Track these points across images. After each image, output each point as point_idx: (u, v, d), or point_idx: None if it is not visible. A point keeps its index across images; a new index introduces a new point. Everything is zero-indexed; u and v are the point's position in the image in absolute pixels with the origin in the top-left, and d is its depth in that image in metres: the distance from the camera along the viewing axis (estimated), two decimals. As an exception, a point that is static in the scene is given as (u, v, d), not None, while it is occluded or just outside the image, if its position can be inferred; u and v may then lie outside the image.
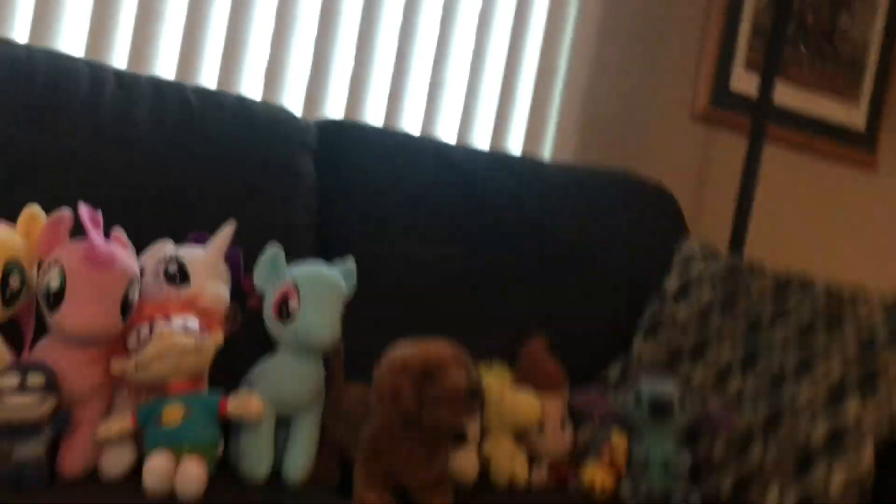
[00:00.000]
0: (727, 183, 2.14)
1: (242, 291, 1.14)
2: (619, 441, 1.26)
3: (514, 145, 1.98)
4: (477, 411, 1.04)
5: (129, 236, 1.08)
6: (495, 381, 1.34)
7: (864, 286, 1.42)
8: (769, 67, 2.00)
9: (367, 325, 1.30)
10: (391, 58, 1.81)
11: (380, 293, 1.39)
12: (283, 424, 1.12)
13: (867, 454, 1.19)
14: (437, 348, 1.07)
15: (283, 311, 1.07)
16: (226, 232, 1.13)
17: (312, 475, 1.15)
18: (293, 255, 1.20)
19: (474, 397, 1.02)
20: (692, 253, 1.61)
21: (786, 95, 2.28)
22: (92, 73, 1.30)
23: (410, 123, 1.85)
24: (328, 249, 1.39)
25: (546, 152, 2.01)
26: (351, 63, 1.76)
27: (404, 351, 1.07)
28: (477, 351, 1.40)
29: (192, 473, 0.90)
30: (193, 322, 1.00)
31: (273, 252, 1.10)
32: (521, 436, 1.35)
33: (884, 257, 2.53)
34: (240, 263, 1.15)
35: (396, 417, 1.06)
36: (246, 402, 0.98)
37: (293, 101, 1.69)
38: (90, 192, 1.11)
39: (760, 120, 2.01)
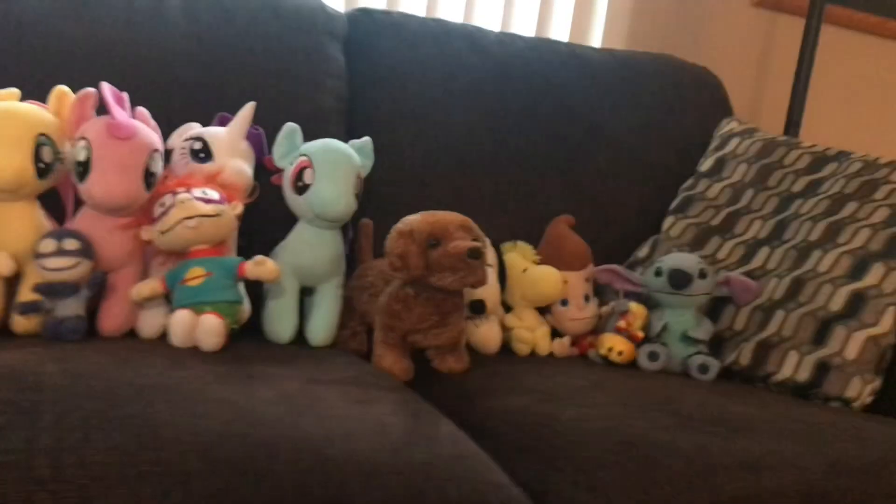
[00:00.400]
0: (791, 70, 2.07)
1: (266, 169, 1.21)
2: (637, 311, 1.28)
3: (561, 37, 1.96)
4: (479, 272, 1.08)
5: (161, 121, 1.15)
6: (519, 257, 1.38)
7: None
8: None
9: (395, 206, 1.35)
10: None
11: (408, 175, 1.44)
12: (309, 295, 1.20)
13: (887, 317, 1.18)
14: (444, 216, 1.11)
15: (299, 184, 1.13)
16: (245, 112, 1.18)
17: (343, 343, 1.23)
18: (320, 137, 1.25)
19: (475, 257, 1.06)
20: (730, 131, 1.59)
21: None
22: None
23: (452, 14, 1.85)
24: (356, 134, 1.44)
25: (595, 44, 1.99)
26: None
27: (413, 219, 1.12)
28: (504, 230, 1.46)
29: (210, 325, 0.98)
30: (213, 192, 1.07)
31: (289, 129, 1.16)
32: (547, 311, 1.39)
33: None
34: (262, 142, 1.21)
35: (407, 282, 1.12)
36: (262, 264, 1.05)
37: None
38: (124, 81, 1.18)
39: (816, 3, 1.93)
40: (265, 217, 1.21)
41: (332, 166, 1.12)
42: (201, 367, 0.89)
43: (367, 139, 1.22)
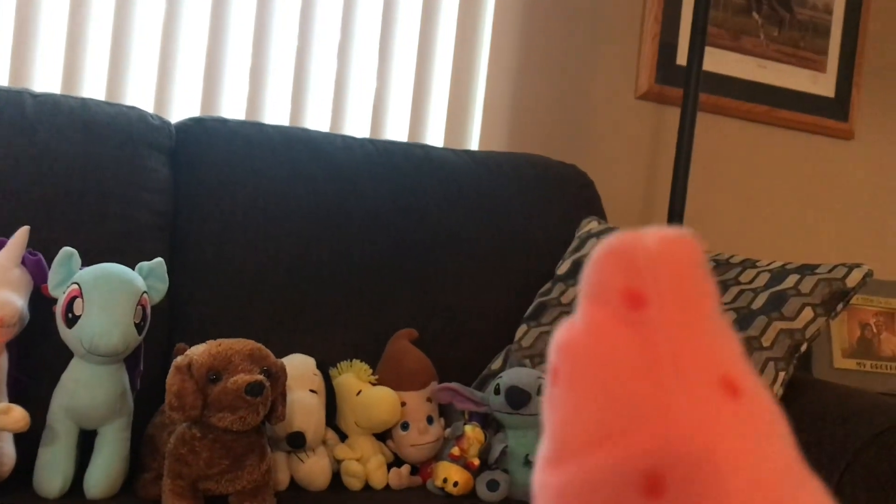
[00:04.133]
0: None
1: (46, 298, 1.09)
2: (472, 435, 1.17)
3: (437, 142, 1.89)
4: (259, 408, 0.96)
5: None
6: (354, 378, 1.27)
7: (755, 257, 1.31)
8: (696, 34, 1.89)
9: (218, 329, 1.24)
10: (292, 55, 1.75)
11: (235, 294, 1.33)
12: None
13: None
14: (231, 345, 1.00)
15: (69, 315, 1.01)
16: (17, 237, 1.07)
17: (143, 488, 1.09)
18: (137, 257, 1.15)
19: (255, 394, 0.95)
20: (588, 231, 1.51)
21: (744, 68, 2.18)
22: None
23: (318, 123, 1.78)
24: (181, 251, 1.34)
25: (473, 147, 1.93)
26: (248, 61, 1.71)
27: (195, 350, 1.00)
28: (344, 349, 1.35)
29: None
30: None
31: (64, 255, 1.05)
32: (387, 436, 1.27)
33: (862, 228, 2.38)
34: (43, 269, 1.09)
35: (188, 423, 0.99)
36: (7, 413, 0.92)
37: (179, 104, 1.65)
38: None
39: (690, 92, 1.90)
40: (55, 349, 1.09)
41: (105, 295, 1.01)
42: None
43: (158, 261, 1.11)
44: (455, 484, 1.15)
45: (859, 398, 1.23)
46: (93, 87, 1.58)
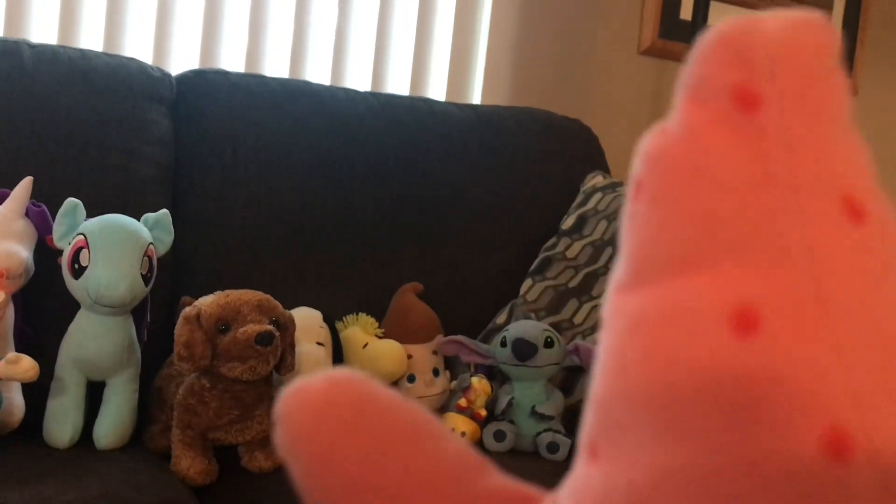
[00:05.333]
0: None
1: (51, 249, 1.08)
2: (479, 386, 1.17)
3: (439, 95, 1.87)
4: (269, 358, 0.96)
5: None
6: (360, 331, 1.27)
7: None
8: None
9: (222, 282, 1.24)
10: (292, 6, 1.73)
11: (237, 248, 1.33)
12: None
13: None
14: (240, 296, 1.00)
15: (75, 266, 1.01)
16: (21, 189, 1.06)
17: (151, 440, 1.10)
18: (139, 210, 1.14)
19: (265, 343, 0.94)
20: (593, 186, 1.50)
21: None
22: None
23: (320, 76, 1.76)
24: (182, 203, 1.33)
25: (476, 101, 1.91)
26: (248, 13, 1.68)
27: (203, 301, 1.00)
28: (349, 304, 1.35)
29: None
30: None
31: (69, 206, 1.04)
32: (393, 388, 1.27)
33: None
34: (47, 220, 1.08)
35: (197, 373, 0.99)
36: (15, 362, 0.91)
37: (177, 56, 1.63)
38: None
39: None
40: (61, 301, 1.08)
41: (111, 246, 1.00)
42: None
43: (163, 212, 1.10)
44: (462, 434, 1.15)
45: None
46: (90, 39, 1.56)
